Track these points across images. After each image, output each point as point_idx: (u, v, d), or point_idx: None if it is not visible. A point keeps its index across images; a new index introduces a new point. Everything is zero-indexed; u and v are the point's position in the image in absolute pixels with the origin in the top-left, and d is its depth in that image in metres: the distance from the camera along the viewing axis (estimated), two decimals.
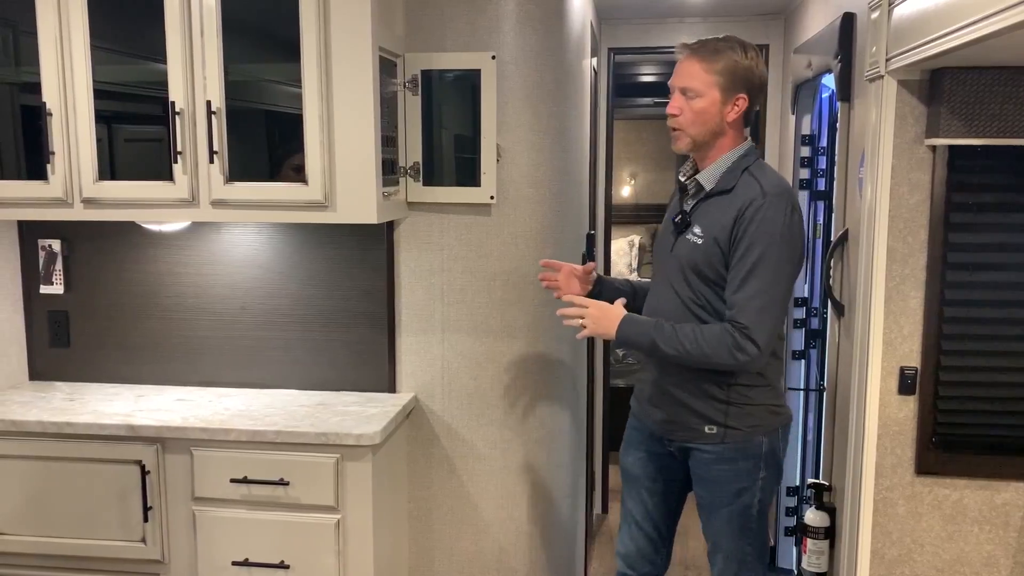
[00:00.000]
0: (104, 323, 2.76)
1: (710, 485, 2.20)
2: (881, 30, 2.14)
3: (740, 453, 2.15)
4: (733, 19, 3.98)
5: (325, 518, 2.31)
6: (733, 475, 2.16)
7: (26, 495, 2.41)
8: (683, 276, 2.13)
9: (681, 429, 2.18)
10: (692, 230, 2.12)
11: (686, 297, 2.12)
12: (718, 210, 2.08)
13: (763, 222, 2.00)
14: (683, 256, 2.13)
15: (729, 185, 2.08)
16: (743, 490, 2.17)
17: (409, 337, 2.65)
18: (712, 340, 2.02)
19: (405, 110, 2.50)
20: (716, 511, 2.21)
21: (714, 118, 2.08)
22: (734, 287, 2.03)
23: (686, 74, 2.08)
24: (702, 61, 2.07)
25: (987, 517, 2.26)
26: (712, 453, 2.16)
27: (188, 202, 2.33)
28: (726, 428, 2.13)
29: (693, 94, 2.06)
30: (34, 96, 2.34)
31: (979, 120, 2.03)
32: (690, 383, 2.14)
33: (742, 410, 2.13)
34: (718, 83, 2.06)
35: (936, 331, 2.20)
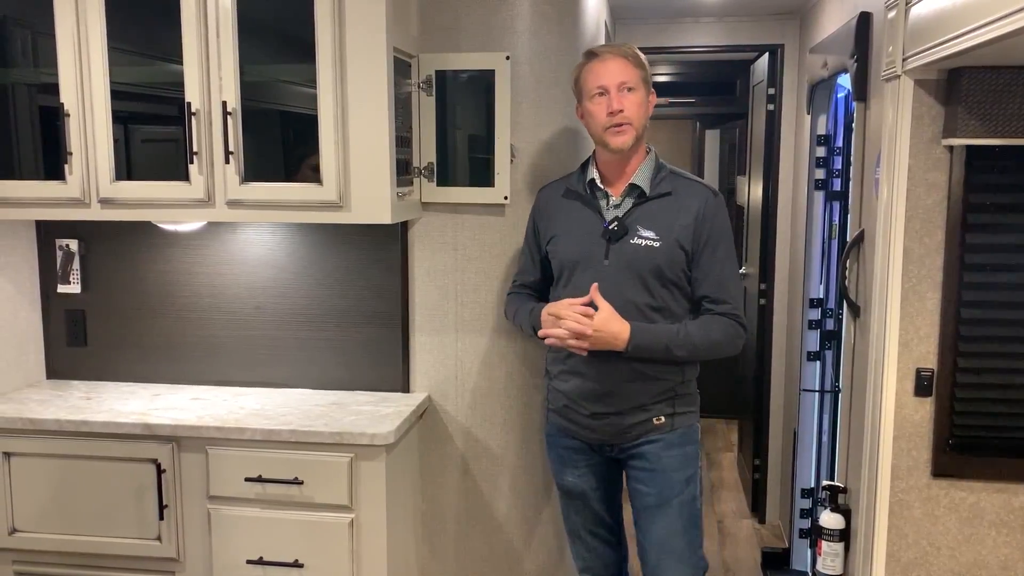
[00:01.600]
0: (120, 322, 2.78)
1: (660, 477, 2.20)
2: (898, 30, 2.12)
3: (686, 438, 2.23)
4: (748, 19, 3.97)
5: (339, 517, 2.31)
6: (682, 461, 2.21)
7: (43, 493, 2.43)
8: (637, 280, 2.12)
9: (632, 430, 2.19)
10: (638, 234, 2.12)
11: (643, 303, 2.12)
12: (668, 213, 2.13)
13: (720, 219, 2.17)
14: (634, 261, 2.12)
15: (667, 188, 2.16)
16: (691, 477, 2.23)
17: (423, 337, 2.65)
18: (719, 335, 2.14)
19: (419, 110, 2.51)
20: (666, 504, 2.20)
21: (646, 114, 2.18)
22: (715, 279, 2.14)
23: (618, 70, 2.11)
24: (626, 58, 2.13)
25: (1004, 520, 2.24)
26: (661, 442, 2.19)
27: (204, 202, 2.34)
28: (674, 415, 2.20)
29: (630, 86, 2.12)
30: (52, 97, 2.36)
31: (997, 120, 2.01)
32: (638, 382, 2.15)
33: (686, 397, 2.23)
34: (643, 78, 2.15)
35: (953, 332, 2.18)
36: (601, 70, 2.12)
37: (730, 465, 5.03)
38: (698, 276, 2.15)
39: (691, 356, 2.15)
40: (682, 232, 2.12)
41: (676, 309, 2.16)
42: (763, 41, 4.01)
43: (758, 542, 3.97)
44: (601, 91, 2.11)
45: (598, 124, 2.13)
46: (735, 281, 2.19)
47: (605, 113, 2.11)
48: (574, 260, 2.20)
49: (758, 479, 4.22)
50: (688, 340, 2.11)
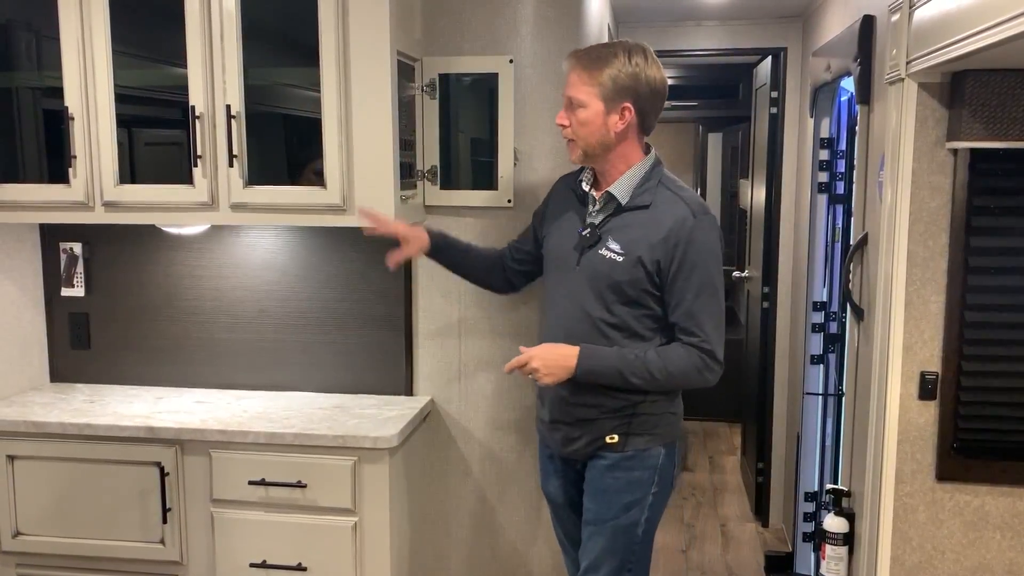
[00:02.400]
0: (124, 325, 2.78)
1: (599, 495, 2.10)
2: (901, 33, 2.12)
3: (637, 462, 2.08)
4: (751, 22, 3.97)
5: (342, 520, 2.31)
6: (626, 485, 2.08)
7: (47, 496, 2.43)
8: (596, 294, 2.02)
9: (583, 447, 2.10)
10: (606, 245, 2.01)
11: (598, 317, 2.02)
12: (639, 227, 2.00)
13: (701, 243, 1.98)
14: (597, 273, 2.02)
15: (647, 201, 2.02)
16: (633, 503, 2.08)
17: (426, 340, 2.65)
18: (681, 364, 2.00)
19: (423, 114, 2.51)
20: (601, 525, 2.10)
21: (599, 129, 2.00)
22: (684, 308, 1.99)
23: (570, 84, 2.01)
24: (584, 71, 1.99)
25: (1009, 524, 2.24)
26: (608, 460, 2.08)
27: (207, 205, 2.35)
28: (628, 436, 2.07)
29: (577, 104, 2.00)
30: (56, 100, 2.37)
31: (1001, 123, 2.01)
32: (594, 399, 2.05)
33: (646, 418, 2.07)
34: (600, 93, 1.98)
35: (957, 336, 2.18)
36: (567, 79, 2.04)
37: (733, 468, 5.03)
38: (670, 302, 2.01)
39: (650, 385, 2.01)
40: (648, 250, 1.97)
41: (638, 329, 2.03)
42: (766, 44, 4.01)
43: (761, 546, 3.96)
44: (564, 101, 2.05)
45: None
46: (710, 313, 2.00)
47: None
48: (554, 260, 2.14)
49: (761, 482, 4.21)
50: (645, 368, 1.98)
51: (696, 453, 5.28)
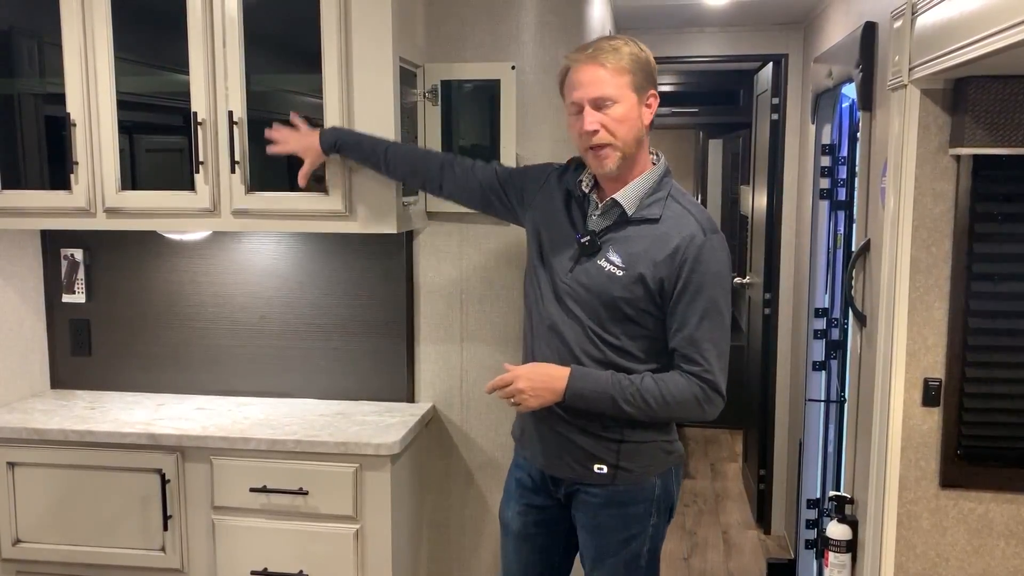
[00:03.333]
0: (125, 332, 2.77)
1: (596, 533, 1.98)
2: (904, 39, 2.12)
3: (631, 496, 1.94)
4: (752, 29, 3.97)
5: (344, 528, 2.31)
6: (622, 521, 1.95)
7: (47, 503, 2.43)
8: (590, 307, 1.88)
9: (568, 467, 1.96)
10: (607, 256, 1.87)
11: (592, 332, 1.88)
12: (644, 242, 1.85)
13: (709, 264, 1.84)
14: (592, 284, 1.87)
15: (655, 214, 1.87)
16: (632, 538, 1.96)
17: (428, 346, 2.65)
18: (678, 394, 1.84)
19: (425, 120, 2.51)
20: (601, 562, 1.99)
21: (636, 123, 1.85)
22: (686, 334, 1.84)
23: (593, 83, 1.81)
24: (606, 64, 1.81)
25: (1014, 531, 2.23)
26: (600, 496, 1.95)
27: (209, 212, 2.34)
28: (617, 469, 1.92)
29: (610, 102, 1.81)
30: (58, 107, 2.36)
31: (1005, 129, 2.01)
32: (577, 419, 1.92)
33: (635, 448, 1.92)
34: (631, 83, 1.83)
35: (961, 342, 2.17)
36: (576, 82, 1.83)
37: (735, 475, 5.02)
38: (672, 326, 1.86)
39: (644, 415, 1.86)
40: (652, 268, 1.83)
41: (632, 350, 1.89)
42: (767, 51, 4.02)
43: (763, 553, 3.95)
44: (576, 108, 1.84)
45: (578, 144, 1.88)
46: (713, 341, 1.85)
47: (578, 134, 1.85)
48: (543, 261, 1.98)
49: (763, 489, 4.20)
50: (639, 395, 1.83)
51: (697, 460, 5.27)
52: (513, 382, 1.89)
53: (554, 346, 1.94)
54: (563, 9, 2.56)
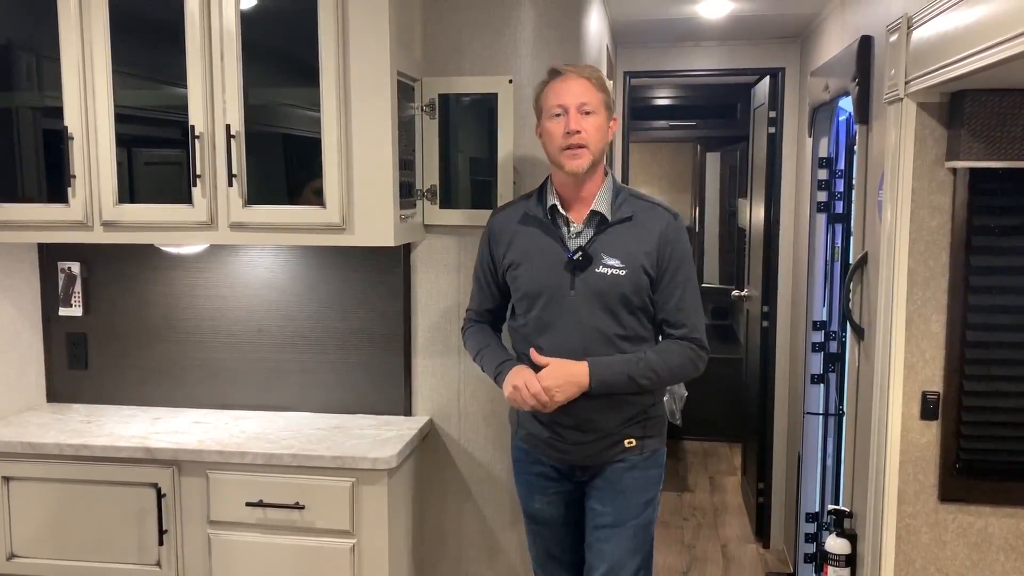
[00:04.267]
0: (122, 345, 2.77)
1: (619, 498, 2.16)
2: (900, 53, 2.13)
3: (653, 461, 2.20)
4: (749, 42, 3.99)
5: (340, 542, 2.29)
6: (644, 483, 2.18)
7: (42, 518, 2.41)
8: (607, 311, 2.06)
9: (604, 454, 2.15)
10: (603, 263, 2.06)
11: (612, 332, 2.06)
12: (629, 238, 2.08)
13: (682, 242, 2.13)
14: (601, 290, 2.05)
15: (627, 213, 2.10)
16: (650, 500, 2.19)
17: (425, 360, 2.64)
18: (678, 359, 2.10)
19: (422, 133, 2.51)
20: (622, 526, 2.15)
21: (605, 136, 2.09)
22: (673, 304, 2.10)
23: (580, 91, 2.04)
24: (589, 79, 2.06)
25: (1013, 545, 2.22)
26: (628, 462, 2.16)
27: (207, 225, 2.34)
28: (644, 439, 2.17)
29: (590, 109, 2.04)
30: (56, 120, 2.37)
31: (1001, 143, 2.01)
32: (610, 410, 2.10)
33: (655, 420, 2.19)
34: (604, 102, 2.08)
35: (959, 355, 2.17)
36: (562, 89, 2.05)
37: (734, 489, 5.00)
38: (658, 300, 2.11)
39: (655, 384, 2.11)
40: (645, 258, 2.07)
41: (644, 334, 2.12)
42: (764, 64, 4.03)
43: (763, 567, 3.93)
44: (560, 110, 2.04)
45: (555, 145, 2.05)
46: (694, 304, 2.14)
47: (562, 133, 2.03)
48: (538, 291, 2.10)
49: (762, 503, 4.19)
50: (648, 367, 2.07)
51: (696, 473, 5.25)
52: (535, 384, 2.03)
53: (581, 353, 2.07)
54: (561, 23, 2.57)
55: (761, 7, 3.34)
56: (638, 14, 3.49)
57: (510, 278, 2.17)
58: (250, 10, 2.29)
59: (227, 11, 2.26)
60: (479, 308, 2.30)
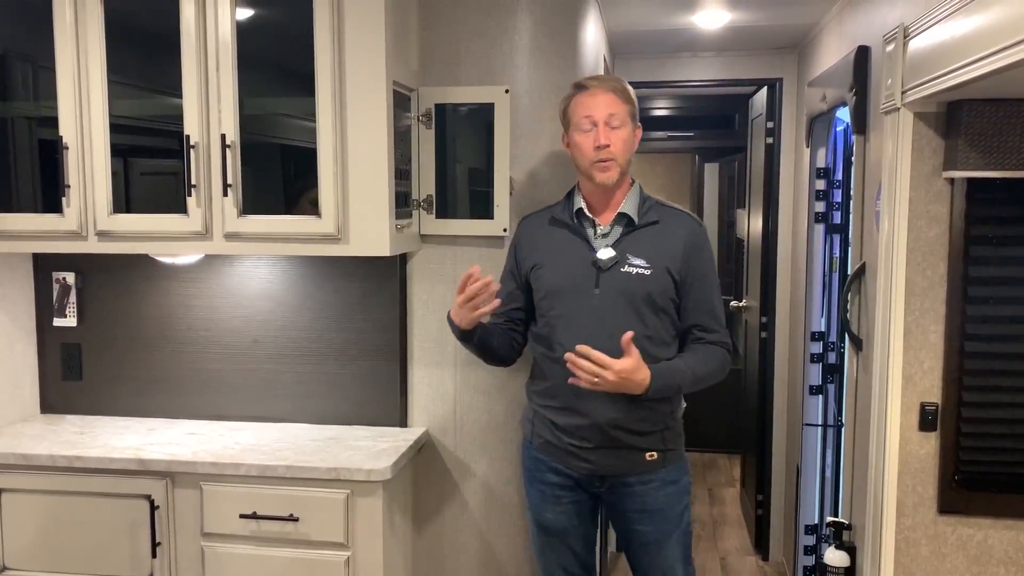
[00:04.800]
0: (116, 356, 2.75)
1: (657, 516, 2.19)
2: (897, 63, 2.13)
3: (679, 472, 2.22)
4: (746, 53, 3.99)
5: (335, 555, 2.27)
6: (677, 496, 2.21)
7: (35, 530, 2.39)
8: (631, 310, 2.10)
9: (624, 465, 2.16)
10: (629, 262, 2.11)
11: (636, 332, 2.04)
12: (655, 241, 2.14)
13: (708, 249, 2.21)
14: (627, 289, 2.10)
15: (654, 218, 2.17)
16: (685, 508, 2.24)
17: (421, 370, 2.63)
18: (712, 364, 2.16)
19: (419, 143, 2.51)
20: (667, 540, 2.20)
21: (632, 146, 2.16)
22: (706, 309, 2.17)
23: (607, 105, 2.10)
24: (615, 92, 2.12)
25: (1013, 558, 2.20)
26: (655, 481, 2.18)
27: (201, 235, 2.33)
28: (665, 451, 2.18)
29: (618, 123, 2.11)
30: (52, 130, 2.36)
31: (998, 153, 2.01)
32: (631, 422, 2.12)
33: (674, 430, 2.21)
34: (630, 113, 2.14)
35: (957, 366, 2.16)
36: (590, 103, 2.12)
37: (733, 501, 4.98)
38: (689, 305, 2.15)
39: (692, 389, 2.16)
40: (671, 260, 2.12)
41: (665, 337, 2.16)
42: (762, 75, 4.03)
43: None
44: (588, 124, 2.11)
45: (585, 157, 2.12)
46: (721, 309, 2.21)
47: (592, 147, 2.09)
48: (561, 289, 2.16)
49: (761, 515, 4.17)
50: (694, 375, 2.12)
51: (695, 485, 5.21)
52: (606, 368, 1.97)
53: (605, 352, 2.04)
54: (557, 33, 2.56)
55: (758, 18, 3.34)
56: (635, 24, 3.49)
57: (534, 278, 2.22)
58: (246, 20, 2.29)
59: (223, 21, 2.25)
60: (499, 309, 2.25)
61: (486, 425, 2.61)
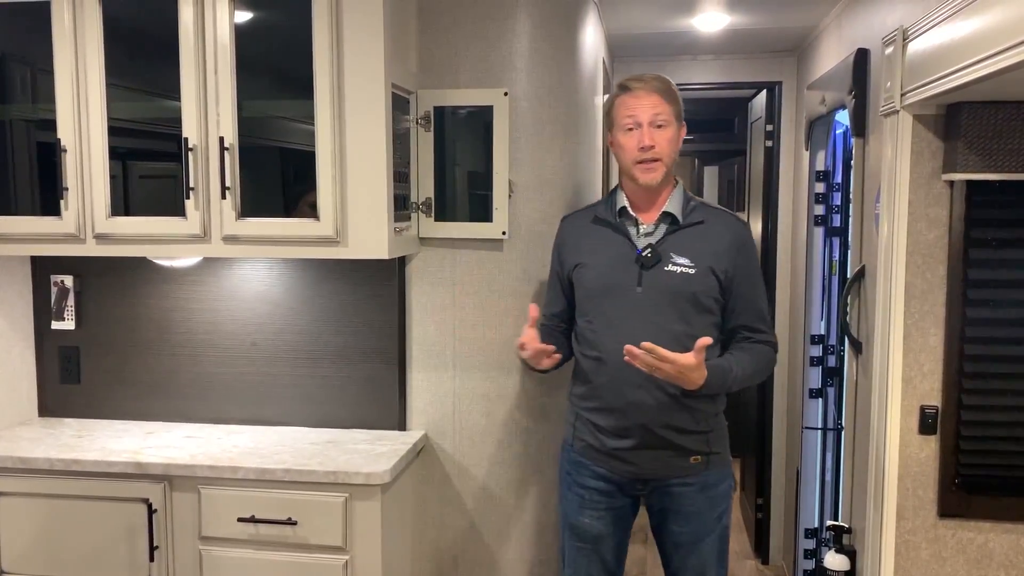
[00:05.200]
0: (115, 359, 2.75)
1: (693, 518, 2.19)
2: (896, 65, 2.13)
3: (720, 476, 2.21)
4: (746, 56, 3.99)
5: (333, 559, 2.27)
6: (715, 501, 2.20)
7: (33, 533, 2.39)
8: (673, 308, 2.10)
9: (667, 468, 2.15)
10: (672, 261, 2.11)
11: (679, 331, 2.07)
12: (700, 240, 2.13)
13: (752, 250, 2.22)
14: (669, 288, 2.10)
15: (698, 218, 2.16)
16: (723, 513, 2.22)
17: (420, 373, 2.62)
18: (761, 363, 2.18)
19: (417, 146, 2.50)
20: (700, 542, 2.20)
21: (676, 146, 2.16)
22: (754, 309, 2.17)
23: (652, 105, 2.11)
24: (660, 92, 2.12)
25: (1014, 562, 2.19)
26: (695, 484, 2.17)
27: (199, 238, 2.33)
28: (709, 455, 2.17)
29: (662, 122, 2.11)
30: (50, 133, 2.36)
31: (997, 155, 2.00)
32: (675, 423, 2.11)
33: (719, 433, 2.20)
34: (675, 112, 2.14)
35: (957, 369, 2.16)
36: (634, 103, 2.12)
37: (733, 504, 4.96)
38: (736, 306, 2.15)
39: (740, 387, 2.18)
40: (715, 260, 2.11)
41: (709, 334, 2.10)
42: (761, 78, 4.03)
43: None
44: (633, 125, 2.11)
45: (628, 158, 2.12)
46: (767, 306, 2.23)
47: (636, 147, 2.10)
48: (603, 286, 2.15)
49: (761, 519, 4.16)
50: (744, 374, 2.13)
51: None
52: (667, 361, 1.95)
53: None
54: (556, 36, 2.56)
55: (757, 20, 3.34)
56: (634, 27, 3.49)
57: (576, 277, 2.22)
58: (244, 23, 2.29)
59: (221, 24, 2.25)
60: (547, 312, 2.33)
61: (485, 428, 2.60)
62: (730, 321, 2.17)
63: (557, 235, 2.34)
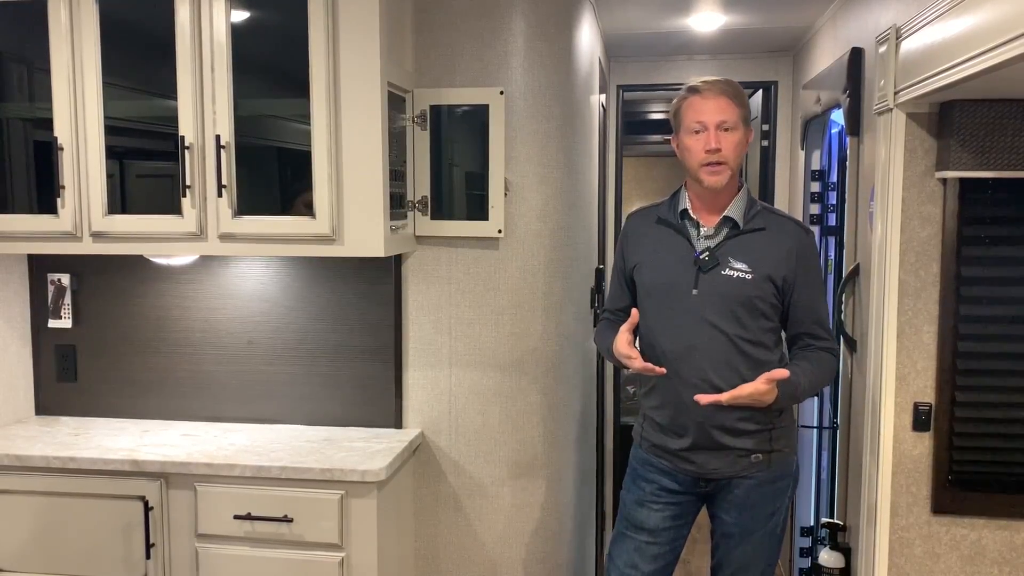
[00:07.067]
0: (111, 357, 2.75)
1: (746, 511, 2.20)
2: (889, 64, 2.14)
3: (780, 474, 2.21)
4: (742, 56, 4.01)
5: (329, 556, 2.27)
6: (770, 497, 2.20)
7: (29, 531, 2.39)
8: (730, 312, 2.10)
9: (729, 468, 2.17)
10: (730, 265, 2.11)
11: (735, 335, 2.10)
12: (760, 246, 2.12)
13: (813, 256, 2.19)
14: (725, 292, 2.10)
15: (760, 224, 2.15)
16: (777, 510, 2.22)
17: (416, 372, 2.63)
18: (825, 371, 2.17)
19: (414, 145, 2.51)
20: (748, 536, 2.21)
21: (743, 150, 2.16)
22: (815, 316, 2.17)
23: (719, 108, 2.10)
24: (728, 96, 2.11)
25: (1007, 558, 2.20)
26: (755, 479, 2.18)
27: (196, 236, 2.33)
28: (771, 452, 2.17)
29: (729, 126, 2.10)
30: (47, 132, 2.36)
31: (990, 153, 2.02)
32: (735, 421, 2.12)
33: (781, 431, 2.19)
34: (742, 116, 2.13)
35: (951, 366, 2.17)
36: (702, 106, 2.11)
37: None
38: (797, 315, 2.16)
39: (807, 396, 2.21)
40: (774, 267, 2.11)
41: (767, 341, 2.14)
42: (757, 78, 4.05)
43: None
44: (700, 127, 2.10)
45: (694, 160, 2.12)
46: (827, 313, 2.23)
47: (703, 150, 2.09)
48: (660, 287, 2.18)
49: None
50: (810, 384, 2.13)
51: None
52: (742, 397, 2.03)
53: (695, 363, 2.12)
54: (552, 35, 2.57)
55: (753, 20, 3.35)
56: (630, 27, 3.50)
57: (636, 275, 2.25)
58: (240, 22, 2.29)
59: (217, 23, 2.26)
60: (612, 307, 2.37)
61: (481, 427, 2.61)
62: (792, 328, 2.18)
63: (622, 232, 2.36)
